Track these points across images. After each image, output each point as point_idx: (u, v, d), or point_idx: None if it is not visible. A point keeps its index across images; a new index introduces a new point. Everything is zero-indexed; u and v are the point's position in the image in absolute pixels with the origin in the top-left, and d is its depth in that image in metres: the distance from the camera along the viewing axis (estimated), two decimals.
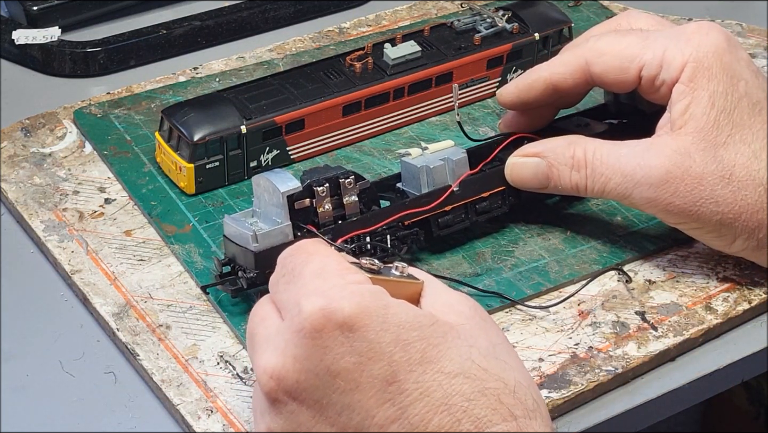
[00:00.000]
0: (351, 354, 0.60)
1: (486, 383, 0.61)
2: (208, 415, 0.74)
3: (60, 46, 1.03)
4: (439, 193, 0.82)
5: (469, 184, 0.83)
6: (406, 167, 0.83)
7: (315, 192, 0.78)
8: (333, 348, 0.60)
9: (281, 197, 0.77)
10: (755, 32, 1.08)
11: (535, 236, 0.87)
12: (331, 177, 0.79)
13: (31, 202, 0.88)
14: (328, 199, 0.79)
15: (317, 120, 0.92)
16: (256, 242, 0.76)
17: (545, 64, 0.86)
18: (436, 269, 0.83)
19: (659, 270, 0.85)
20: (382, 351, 0.60)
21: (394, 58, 0.94)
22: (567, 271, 0.84)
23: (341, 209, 0.80)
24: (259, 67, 1.01)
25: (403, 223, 0.81)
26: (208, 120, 0.88)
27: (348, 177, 0.79)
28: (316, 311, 0.61)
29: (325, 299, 0.61)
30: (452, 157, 0.82)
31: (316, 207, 0.78)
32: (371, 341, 0.60)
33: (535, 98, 0.86)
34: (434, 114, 0.98)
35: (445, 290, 0.68)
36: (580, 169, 0.81)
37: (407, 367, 0.60)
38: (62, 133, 0.95)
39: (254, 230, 0.77)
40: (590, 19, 1.09)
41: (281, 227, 0.77)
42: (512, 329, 0.80)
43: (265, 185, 0.78)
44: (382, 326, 0.61)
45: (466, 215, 0.84)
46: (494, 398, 0.61)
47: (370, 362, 0.60)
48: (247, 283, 0.78)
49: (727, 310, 0.82)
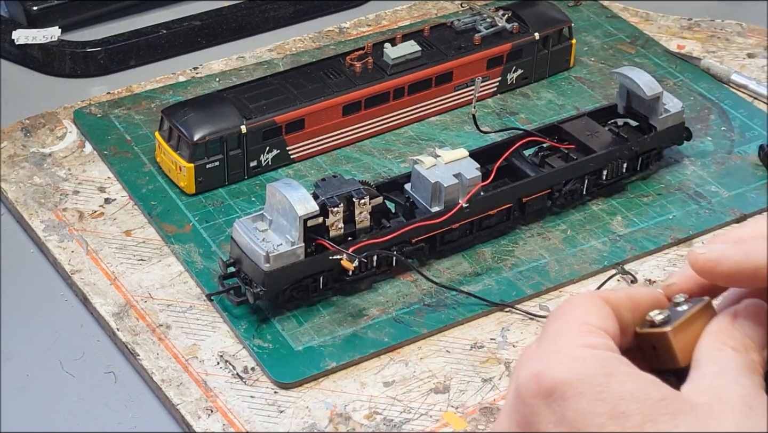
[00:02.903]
0: (557, 424, 0.55)
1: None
2: (208, 415, 0.74)
3: (60, 46, 1.03)
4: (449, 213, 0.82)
5: (479, 202, 0.83)
6: (417, 175, 0.82)
7: (329, 212, 0.78)
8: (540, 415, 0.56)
9: (299, 220, 0.77)
10: (755, 32, 1.08)
11: (535, 235, 0.87)
12: (345, 195, 0.79)
13: (31, 202, 0.88)
14: (340, 217, 0.79)
15: (317, 120, 0.92)
16: (269, 262, 0.76)
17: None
18: (436, 269, 0.84)
19: (659, 270, 0.85)
20: (592, 423, 0.55)
21: (394, 57, 0.94)
22: (567, 271, 0.84)
23: (352, 225, 0.80)
24: (259, 67, 1.01)
25: (409, 241, 0.82)
26: (208, 120, 0.88)
27: (362, 198, 0.79)
28: (530, 377, 0.56)
29: (541, 364, 0.56)
30: (466, 174, 0.82)
31: (328, 227, 0.78)
32: (582, 411, 0.55)
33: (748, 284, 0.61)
34: (434, 114, 0.98)
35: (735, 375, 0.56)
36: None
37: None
38: (62, 133, 0.95)
39: (267, 250, 0.76)
40: (590, 19, 1.09)
41: (294, 248, 0.77)
42: (512, 328, 0.80)
43: (280, 199, 0.78)
44: (599, 395, 0.55)
45: (470, 231, 0.84)
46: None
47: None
48: (254, 297, 0.78)
49: None
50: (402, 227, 0.81)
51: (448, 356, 0.78)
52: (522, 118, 0.97)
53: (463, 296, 0.81)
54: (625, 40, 1.06)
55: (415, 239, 0.82)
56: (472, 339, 0.79)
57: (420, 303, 0.81)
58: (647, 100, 0.89)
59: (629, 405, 0.55)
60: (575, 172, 0.87)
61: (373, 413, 0.74)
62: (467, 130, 0.96)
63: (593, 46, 1.05)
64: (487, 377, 0.77)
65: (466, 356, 0.78)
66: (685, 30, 1.09)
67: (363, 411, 0.74)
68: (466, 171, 0.82)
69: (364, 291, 0.82)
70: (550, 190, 0.87)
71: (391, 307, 0.81)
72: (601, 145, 0.89)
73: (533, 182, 0.86)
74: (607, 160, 0.88)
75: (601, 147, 0.88)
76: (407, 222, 0.81)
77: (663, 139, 0.90)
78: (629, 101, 0.91)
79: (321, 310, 0.80)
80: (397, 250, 0.81)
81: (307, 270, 0.78)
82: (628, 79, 0.90)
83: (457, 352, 0.79)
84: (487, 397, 0.75)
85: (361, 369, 0.77)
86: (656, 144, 0.90)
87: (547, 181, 0.86)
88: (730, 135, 0.96)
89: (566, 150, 0.89)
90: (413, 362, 0.78)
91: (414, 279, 0.83)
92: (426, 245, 0.83)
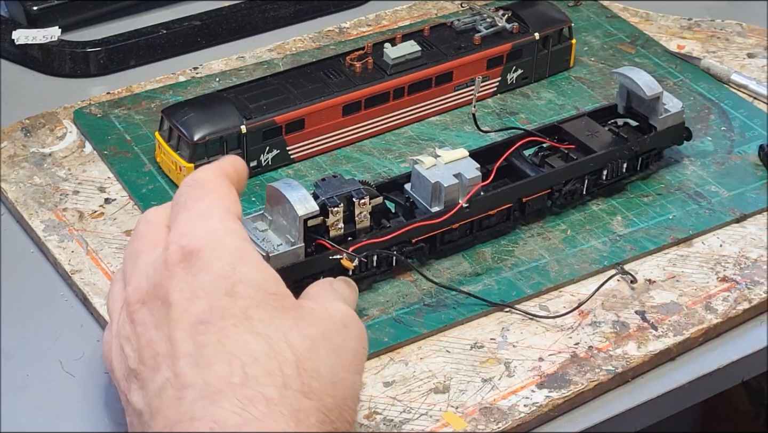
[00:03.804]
0: (183, 290, 0.65)
1: (280, 353, 0.64)
2: None
3: (60, 46, 1.03)
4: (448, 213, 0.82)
5: (479, 202, 0.83)
6: (417, 175, 0.82)
7: (329, 211, 0.78)
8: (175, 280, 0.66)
9: (299, 220, 0.77)
10: (755, 32, 1.08)
11: (535, 235, 0.87)
12: (345, 195, 0.79)
13: (31, 202, 0.88)
14: (340, 217, 0.79)
15: (317, 120, 0.92)
16: (269, 262, 0.76)
17: None
18: (436, 269, 0.84)
19: (659, 270, 0.85)
20: (210, 294, 0.65)
21: (394, 57, 0.94)
22: (567, 271, 0.84)
23: (352, 225, 0.80)
24: (259, 67, 1.01)
25: (409, 241, 0.82)
26: (208, 120, 0.88)
27: (362, 198, 0.79)
28: (179, 248, 0.66)
29: (190, 239, 0.66)
30: (466, 174, 0.82)
31: (328, 227, 0.78)
32: (207, 282, 0.65)
33: None
34: (434, 114, 0.98)
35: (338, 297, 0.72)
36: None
37: (222, 314, 0.64)
38: (62, 133, 0.95)
39: (267, 250, 0.76)
40: (590, 19, 1.09)
41: (294, 248, 0.77)
42: (512, 328, 0.80)
43: (280, 199, 0.78)
44: (225, 273, 0.65)
45: (470, 231, 0.84)
46: (275, 364, 0.63)
47: (197, 300, 0.65)
48: None
49: (726, 309, 0.82)
50: (402, 226, 0.81)
51: (448, 356, 0.78)
52: (522, 118, 0.97)
53: (463, 297, 0.81)
54: (625, 40, 1.06)
55: (415, 238, 0.82)
56: (472, 339, 0.79)
57: (420, 303, 0.81)
58: (647, 100, 0.89)
59: (244, 289, 0.65)
60: (575, 172, 0.87)
61: (373, 413, 0.74)
62: (467, 130, 0.96)
63: (593, 46, 1.05)
64: (487, 377, 0.77)
65: (466, 356, 0.78)
66: (685, 30, 1.09)
67: (363, 411, 0.74)
68: (466, 171, 0.82)
69: (364, 291, 0.82)
70: (550, 190, 0.87)
71: (391, 307, 0.81)
72: (601, 145, 0.89)
73: (533, 182, 0.86)
74: (607, 160, 0.88)
75: (601, 147, 0.88)
76: (407, 222, 0.81)
77: (663, 139, 0.90)
78: (629, 101, 0.91)
79: None
80: (397, 250, 0.81)
81: (307, 270, 0.78)
82: (628, 79, 0.90)
83: (457, 352, 0.79)
84: (487, 397, 0.75)
85: None
86: (656, 144, 0.90)
87: (547, 182, 0.86)
88: (730, 135, 0.96)
89: (566, 150, 0.89)
90: (413, 362, 0.78)
91: (414, 279, 0.83)
92: (426, 245, 0.83)
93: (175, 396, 0.63)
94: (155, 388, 0.64)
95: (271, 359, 0.63)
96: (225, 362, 0.63)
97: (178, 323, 0.65)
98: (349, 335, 0.68)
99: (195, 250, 0.66)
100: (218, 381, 0.62)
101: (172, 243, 0.67)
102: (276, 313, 0.65)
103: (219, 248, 0.66)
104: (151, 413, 0.64)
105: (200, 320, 0.64)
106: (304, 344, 0.65)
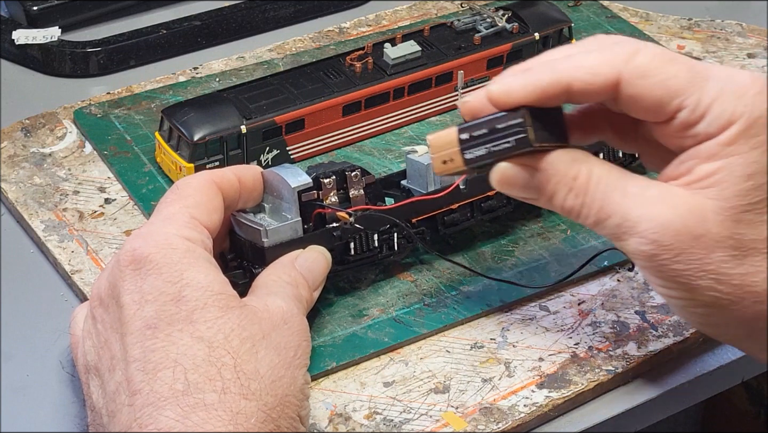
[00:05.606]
0: (133, 292, 0.67)
1: (219, 358, 0.66)
2: None
3: (60, 46, 1.03)
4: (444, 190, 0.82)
5: (476, 182, 0.83)
6: (411, 165, 0.83)
7: (322, 184, 0.78)
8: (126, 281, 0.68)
9: (293, 193, 0.77)
10: (755, 32, 1.08)
11: (535, 235, 0.87)
12: (338, 170, 0.79)
13: (31, 202, 0.88)
14: (334, 192, 0.79)
15: (317, 120, 0.92)
16: (267, 237, 0.76)
17: (563, 65, 0.69)
18: (436, 269, 0.84)
19: None
20: (158, 298, 0.67)
21: (394, 58, 0.94)
22: (567, 271, 0.84)
23: (347, 203, 0.80)
24: (259, 67, 1.01)
25: (409, 222, 0.81)
26: (208, 120, 0.88)
27: (354, 170, 0.80)
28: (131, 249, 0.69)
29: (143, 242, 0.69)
30: None
31: (322, 199, 0.78)
32: (155, 287, 0.67)
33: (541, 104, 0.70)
34: (434, 114, 0.98)
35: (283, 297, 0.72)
36: (579, 196, 0.69)
37: (169, 319, 0.66)
38: (62, 133, 0.95)
39: (264, 225, 0.77)
40: (590, 19, 1.09)
41: (291, 222, 0.77)
42: (512, 328, 0.80)
43: (273, 179, 0.78)
44: (172, 278, 0.67)
45: (471, 214, 0.84)
46: (215, 370, 0.65)
47: (146, 304, 0.67)
48: None
49: None
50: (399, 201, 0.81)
51: (448, 356, 0.78)
52: None
53: (463, 297, 0.81)
54: None
55: (415, 219, 0.82)
56: (472, 339, 0.79)
57: (420, 303, 0.81)
58: None
59: (191, 292, 0.67)
60: None
61: (373, 413, 0.74)
62: None
63: None
64: (487, 377, 0.77)
65: (466, 356, 0.78)
66: (685, 30, 1.09)
67: (363, 411, 0.74)
68: None
69: (364, 291, 0.82)
70: None
71: (391, 307, 0.81)
72: None
73: None
74: (607, 159, 0.88)
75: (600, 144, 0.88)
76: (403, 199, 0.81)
77: None
78: None
79: (321, 310, 0.80)
80: (398, 234, 0.81)
81: (306, 245, 0.78)
82: None
83: (457, 352, 0.79)
84: (487, 397, 0.75)
85: (361, 369, 0.77)
86: None
87: None
88: None
89: None
90: (413, 362, 0.78)
91: (414, 279, 0.83)
92: (427, 229, 0.82)
93: (127, 402, 0.65)
94: (111, 391, 0.66)
95: (211, 366, 0.65)
96: (170, 368, 0.65)
97: (128, 326, 0.67)
98: (289, 330, 0.70)
99: (144, 255, 0.68)
100: (163, 388, 0.64)
101: (126, 245, 0.69)
102: (220, 313, 0.67)
103: (168, 254, 0.68)
104: (108, 416, 0.66)
105: (148, 325, 0.66)
106: (243, 346, 0.67)
